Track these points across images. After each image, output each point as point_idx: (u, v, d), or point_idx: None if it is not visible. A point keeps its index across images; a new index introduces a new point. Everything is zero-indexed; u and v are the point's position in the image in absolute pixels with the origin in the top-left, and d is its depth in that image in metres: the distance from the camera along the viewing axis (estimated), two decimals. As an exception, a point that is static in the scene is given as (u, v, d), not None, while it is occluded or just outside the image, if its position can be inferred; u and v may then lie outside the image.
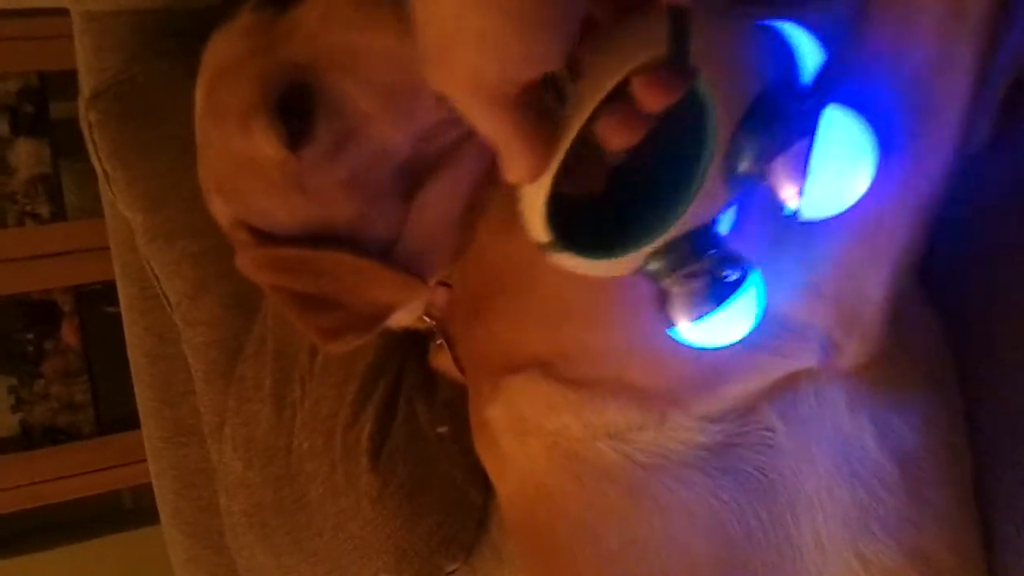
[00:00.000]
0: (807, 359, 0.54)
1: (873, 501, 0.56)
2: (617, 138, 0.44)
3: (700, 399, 0.56)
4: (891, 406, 0.56)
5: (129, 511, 2.00)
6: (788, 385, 0.56)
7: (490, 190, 0.63)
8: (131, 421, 1.15)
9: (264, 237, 0.65)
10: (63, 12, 1.09)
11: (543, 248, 0.48)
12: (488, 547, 0.85)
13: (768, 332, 0.52)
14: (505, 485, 0.68)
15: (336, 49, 0.59)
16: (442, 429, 0.84)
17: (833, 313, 0.53)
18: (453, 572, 0.85)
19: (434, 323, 0.72)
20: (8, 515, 1.78)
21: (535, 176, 0.44)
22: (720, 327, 0.48)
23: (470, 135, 0.61)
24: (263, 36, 0.62)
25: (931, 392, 0.59)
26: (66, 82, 1.21)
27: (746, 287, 0.48)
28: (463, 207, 0.64)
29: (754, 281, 0.48)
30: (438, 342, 0.74)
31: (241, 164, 0.63)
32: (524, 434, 0.63)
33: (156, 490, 1.09)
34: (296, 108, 0.59)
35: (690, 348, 0.52)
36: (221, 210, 0.67)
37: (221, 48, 0.64)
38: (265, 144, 0.60)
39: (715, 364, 0.55)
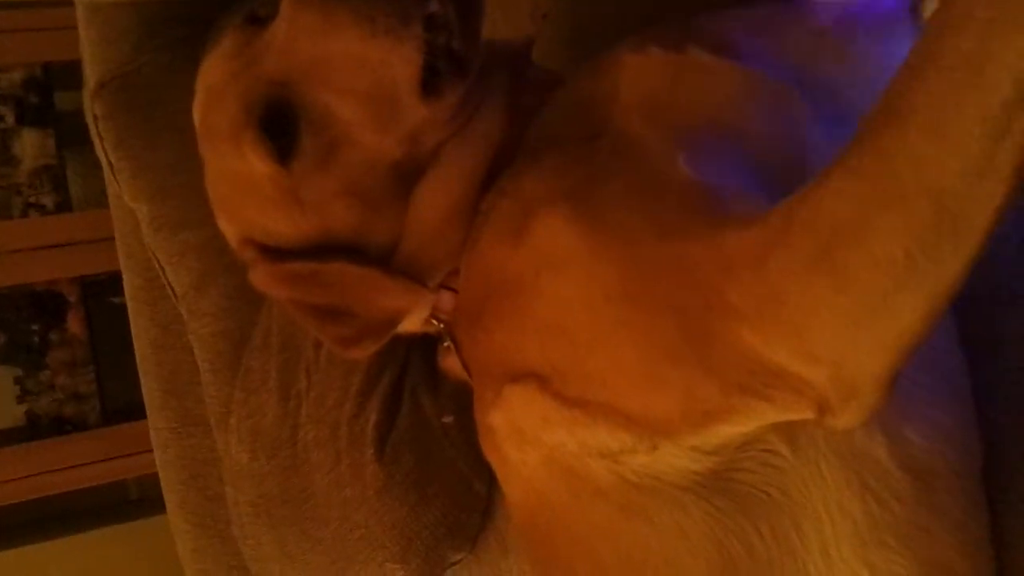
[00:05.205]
0: (801, 413, 0.52)
1: (885, 512, 0.55)
2: None
3: (690, 434, 0.55)
4: (903, 416, 0.55)
5: (135, 501, 2.01)
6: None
7: (492, 195, 0.64)
8: (137, 411, 1.16)
9: (271, 253, 0.67)
10: (68, 3, 1.09)
11: None
12: (493, 537, 0.85)
13: (763, 380, 0.50)
14: (510, 490, 0.68)
15: (308, 60, 0.60)
16: (447, 419, 0.84)
17: (829, 378, 0.49)
18: (458, 562, 0.85)
19: (442, 326, 0.72)
20: (14, 505, 1.79)
21: None
22: None
23: (460, 131, 0.63)
24: (244, 55, 0.63)
25: (941, 394, 0.58)
26: (71, 73, 1.21)
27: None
28: (458, 203, 0.65)
29: None
30: (446, 344, 0.74)
31: (237, 183, 0.65)
32: (523, 444, 0.62)
33: (162, 480, 1.09)
34: (282, 124, 0.61)
35: (680, 385, 0.53)
36: (227, 229, 0.70)
37: (210, 71, 0.66)
38: (255, 160, 0.62)
39: (707, 403, 0.53)
